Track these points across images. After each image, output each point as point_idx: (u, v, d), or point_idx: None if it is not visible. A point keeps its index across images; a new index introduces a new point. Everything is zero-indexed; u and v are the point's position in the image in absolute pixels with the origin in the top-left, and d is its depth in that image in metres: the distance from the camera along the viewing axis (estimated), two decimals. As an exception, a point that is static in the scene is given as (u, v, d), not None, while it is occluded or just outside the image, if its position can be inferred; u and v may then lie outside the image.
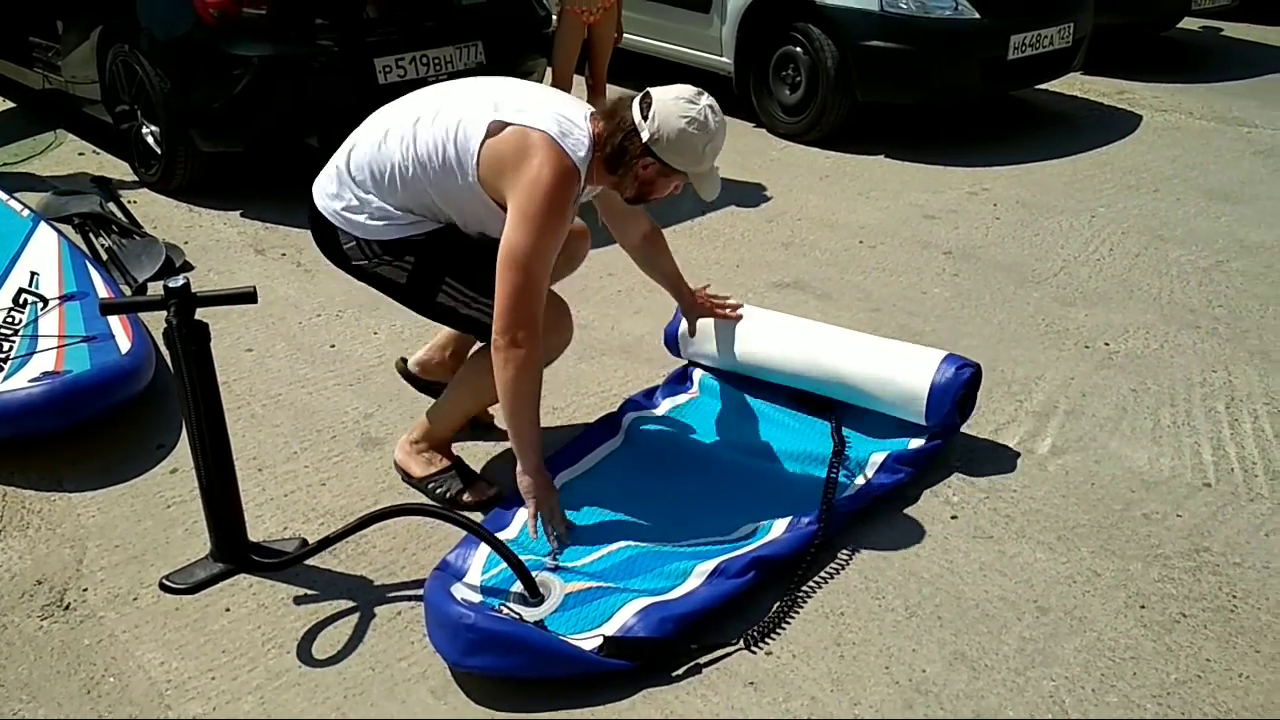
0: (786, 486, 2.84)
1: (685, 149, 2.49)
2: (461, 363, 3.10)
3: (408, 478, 2.94)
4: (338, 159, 2.70)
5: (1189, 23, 8.01)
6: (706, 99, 2.52)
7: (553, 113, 2.51)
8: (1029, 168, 5.47)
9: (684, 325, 3.30)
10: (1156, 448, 3.07)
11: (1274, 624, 2.42)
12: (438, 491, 2.88)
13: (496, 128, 2.47)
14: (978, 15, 5.53)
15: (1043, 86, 6.51)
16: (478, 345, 2.87)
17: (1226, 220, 4.75)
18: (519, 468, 2.61)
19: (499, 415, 2.87)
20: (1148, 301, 3.98)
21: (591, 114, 2.58)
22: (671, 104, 2.47)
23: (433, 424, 2.91)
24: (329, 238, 2.73)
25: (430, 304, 2.72)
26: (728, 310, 3.23)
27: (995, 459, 3.02)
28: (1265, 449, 3.06)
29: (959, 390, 2.92)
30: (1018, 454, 3.05)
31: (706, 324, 3.24)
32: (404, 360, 3.30)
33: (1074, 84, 6.79)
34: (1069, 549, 2.66)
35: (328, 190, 2.71)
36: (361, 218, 2.63)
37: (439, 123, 2.54)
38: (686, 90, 2.52)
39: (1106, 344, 3.66)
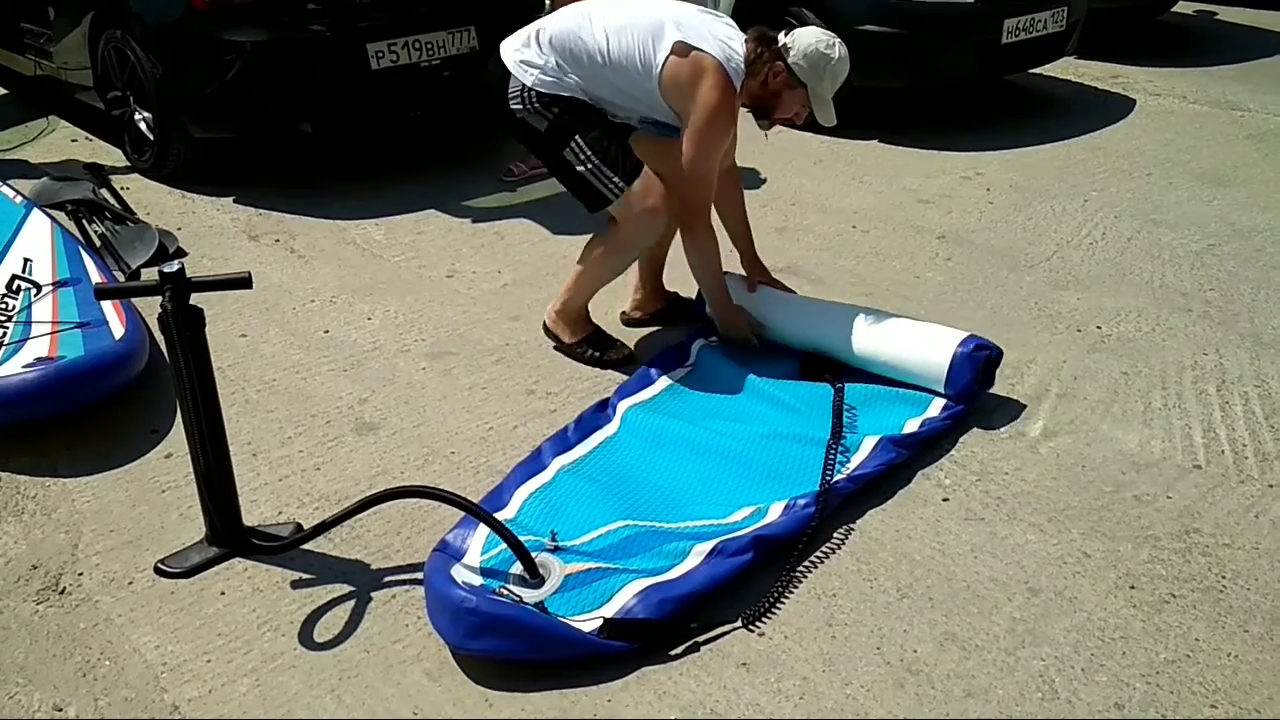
0: (784, 468, 2.85)
1: (812, 63, 3.10)
2: (653, 291, 3.71)
3: (558, 343, 3.49)
4: (534, 26, 3.23)
5: (1183, 7, 8.01)
6: (838, 39, 3.17)
7: (721, 40, 3.12)
8: (1022, 152, 5.48)
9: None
10: (1147, 430, 3.09)
11: (1262, 604, 2.43)
12: (586, 354, 3.43)
13: (681, 49, 3.06)
14: (971, -1, 5.53)
15: (1036, 71, 6.50)
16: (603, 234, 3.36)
17: (1219, 204, 4.76)
18: (717, 316, 3.45)
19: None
20: (1140, 285, 4.00)
21: (746, 39, 3.17)
22: (811, 31, 3.17)
23: (571, 296, 3.43)
24: (499, 84, 3.21)
25: (558, 155, 3.20)
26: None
27: (987, 441, 3.04)
28: (1255, 431, 3.08)
29: (980, 364, 3.07)
30: (1009, 436, 3.06)
31: (739, 291, 3.50)
32: (623, 313, 3.76)
33: (1067, 68, 6.79)
34: (1060, 530, 2.68)
35: (514, 45, 3.22)
36: (535, 71, 3.15)
37: (631, 32, 3.09)
38: (825, 30, 3.22)
39: (1098, 327, 3.68)
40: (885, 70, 5.63)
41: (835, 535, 2.66)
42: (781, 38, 3.15)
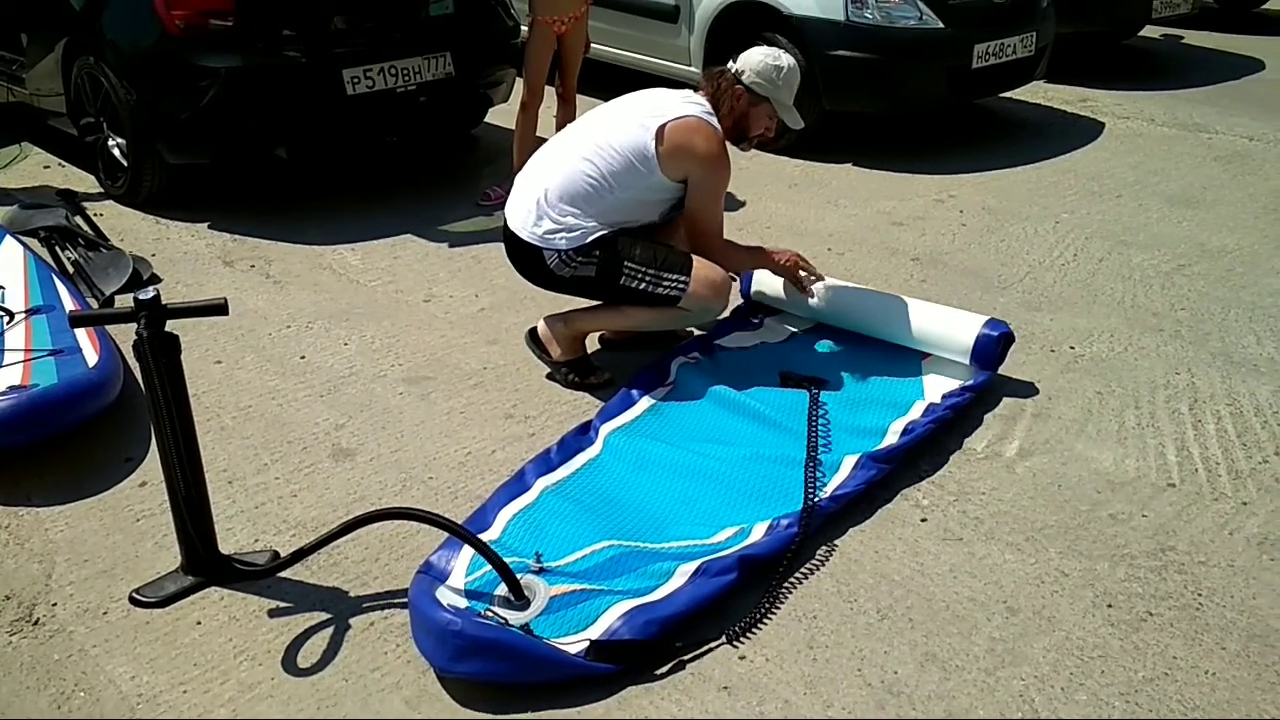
0: (766, 489, 2.87)
1: (766, 77, 3.34)
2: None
3: (543, 353, 3.52)
4: (531, 193, 3.33)
5: (1150, 31, 8.14)
6: (782, 50, 3.45)
7: (686, 101, 3.33)
8: (994, 175, 5.54)
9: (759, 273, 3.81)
10: (1122, 449, 3.12)
11: (1239, 621, 2.45)
12: (568, 376, 3.48)
13: (659, 134, 3.24)
14: (942, 25, 5.60)
15: (1007, 95, 6.59)
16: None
17: (1188, 225, 4.83)
18: (769, 269, 3.62)
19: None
20: (1111, 305, 4.04)
21: (700, 86, 3.42)
22: (755, 50, 3.41)
23: (580, 321, 3.51)
24: (532, 260, 3.36)
25: (616, 285, 3.33)
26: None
27: (964, 462, 3.06)
28: (1228, 449, 3.11)
29: (1002, 338, 3.33)
30: (986, 457, 3.08)
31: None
32: (602, 335, 3.78)
33: (1037, 92, 6.88)
34: (1037, 550, 2.70)
35: (527, 222, 3.33)
36: (561, 234, 3.28)
37: (615, 146, 3.26)
38: (768, 47, 3.47)
39: (1072, 348, 3.71)
40: (858, 95, 5.69)
41: (815, 556, 2.67)
42: (730, 64, 3.39)
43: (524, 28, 5.10)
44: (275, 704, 2.26)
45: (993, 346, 3.32)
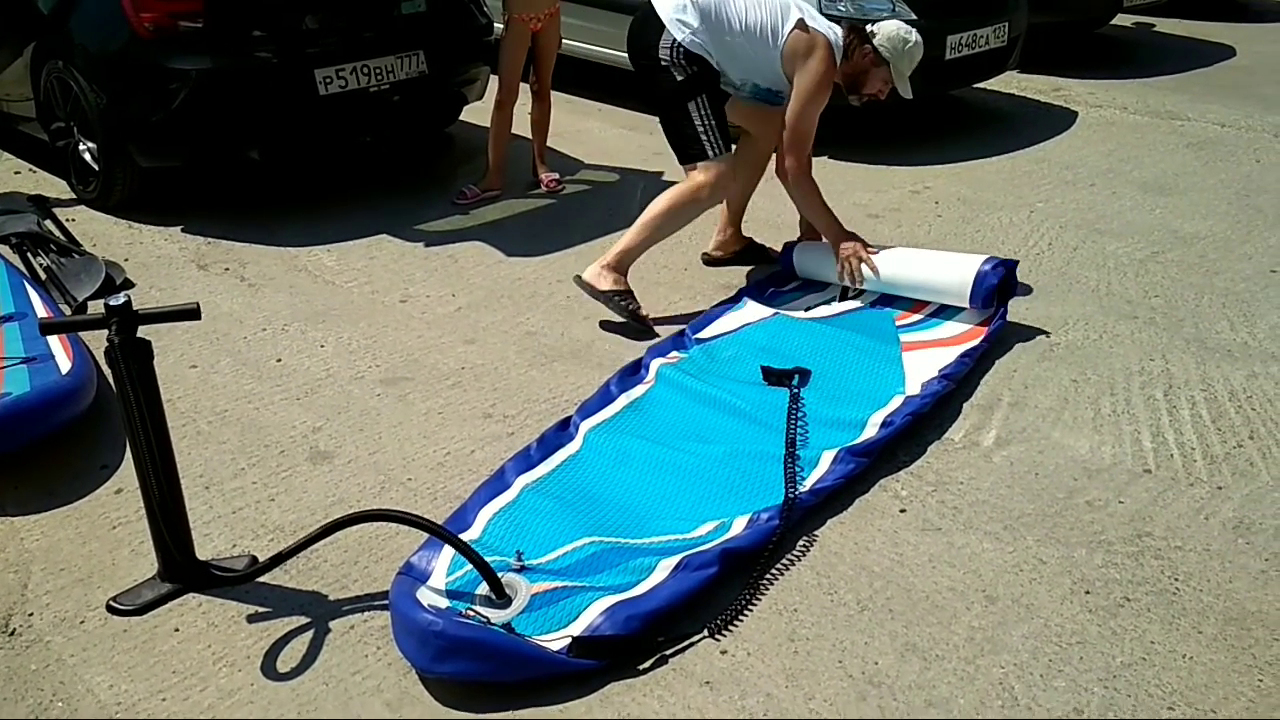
0: (746, 484, 2.87)
1: (894, 44, 3.78)
2: (735, 235, 4.37)
3: (593, 291, 3.83)
4: None
5: (1122, 20, 8.18)
6: (915, 30, 3.85)
7: (830, 26, 3.80)
8: (969, 165, 5.56)
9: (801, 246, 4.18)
10: (1098, 436, 3.14)
11: (1215, 605, 2.47)
12: (624, 304, 3.81)
13: (803, 25, 3.72)
14: (914, 16, 5.60)
15: (980, 85, 6.61)
16: (670, 190, 3.93)
17: (1161, 212, 4.86)
18: (831, 239, 4.00)
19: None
20: (1086, 293, 4.06)
21: (842, 28, 3.81)
22: (892, 22, 3.87)
23: (627, 250, 3.86)
24: (651, 36, 3.79)
25: (682, 106, 3.78)
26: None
27: (941, 452, 3.07)
28: (1203, 435, 3.13)
29: (1002, 276, 3.66)
30: (963, 446, 3.10)
31: (816, 250, 4.12)
32: (705, 254, 4.40)
33: (1011, 82, 6.90)
34: (1015, 538, 2.71)
35: (671, 5, 3.78)
36: (688, 31, 3.74)
37: (763, 7, 3.75)
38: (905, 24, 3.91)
39: (1047, 336, 3.73)
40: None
41: (796, 548, 2.67)
42: (869, 28, 3.81)
43: (499, 26, 5.09)
44: (255, 709, 2.24)
45: (992, 283, 3.62)
